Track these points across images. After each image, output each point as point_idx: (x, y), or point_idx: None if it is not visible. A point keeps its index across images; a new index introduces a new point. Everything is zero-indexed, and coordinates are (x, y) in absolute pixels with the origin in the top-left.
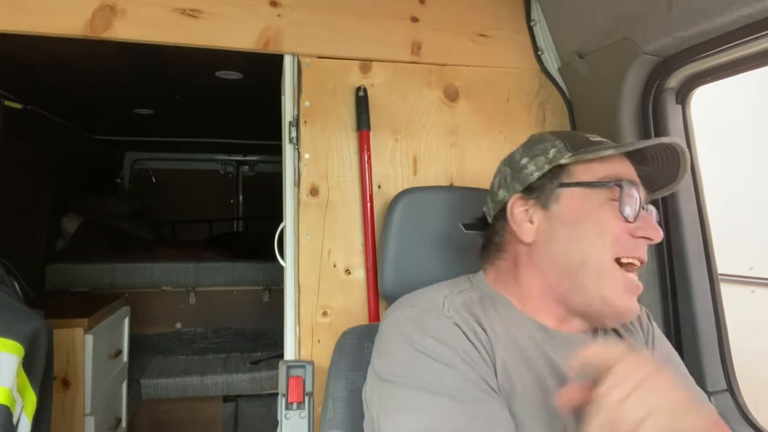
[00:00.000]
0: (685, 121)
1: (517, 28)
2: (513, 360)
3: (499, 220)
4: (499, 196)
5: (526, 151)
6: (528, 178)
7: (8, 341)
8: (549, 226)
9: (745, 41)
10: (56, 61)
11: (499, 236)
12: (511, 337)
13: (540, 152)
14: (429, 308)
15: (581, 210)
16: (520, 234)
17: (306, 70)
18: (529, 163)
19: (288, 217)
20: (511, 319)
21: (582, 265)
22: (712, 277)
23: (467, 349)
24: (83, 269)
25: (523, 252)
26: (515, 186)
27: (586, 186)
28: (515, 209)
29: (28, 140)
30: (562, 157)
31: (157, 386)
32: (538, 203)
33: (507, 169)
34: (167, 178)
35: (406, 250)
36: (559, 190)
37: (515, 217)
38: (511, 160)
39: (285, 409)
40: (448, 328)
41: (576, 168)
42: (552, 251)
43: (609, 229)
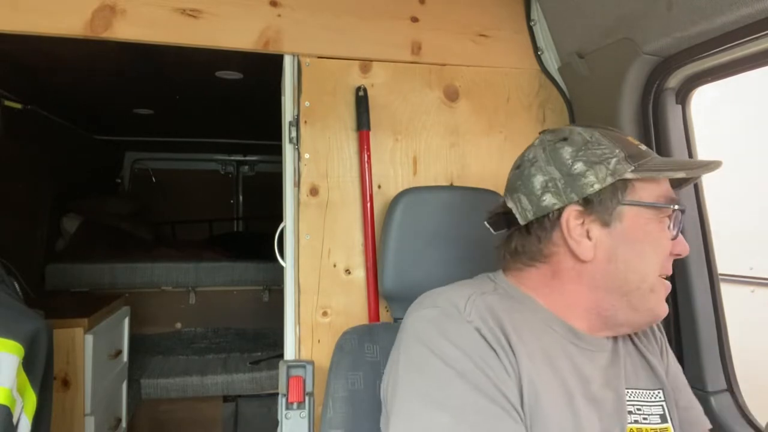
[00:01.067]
0: (685, 121)
1: (517, 28)
2: (538, 368)
3: (541, 226)
4: (544, 201)
5: (579, 155)
6: (587, 189)
7: (8, 341)
8: (610, 245)
9: (745, 41)
10: (56, 61)
11: (538, 244)
12: (539, 342)
13: (598, 160)
14: (450, 311)
15: (644, 231)
16: (577, 250)
17: (306, 70)
18: (588, 172)
19: (288, 217)
20: (538, 322)
21: (638, 286)
22: (712, 277)
23: (486, 356)
24: (83, 269)
25: (570, 266)
26: (570, 196)
27: (648, 206)
28: (572, 222)
29: (28, 140)
30: (626, 170)
31: (157, 386)
32: (598, 219)
33: (555, 171)
34: (167, 178)
35: (406, 250)
36: (622, 207)
37: (572, 231)
38: (559, 162)
39: (285, 409)
40: (467, 333)
41: (638, 184)
42: (610, 271)
43: (664, 250)
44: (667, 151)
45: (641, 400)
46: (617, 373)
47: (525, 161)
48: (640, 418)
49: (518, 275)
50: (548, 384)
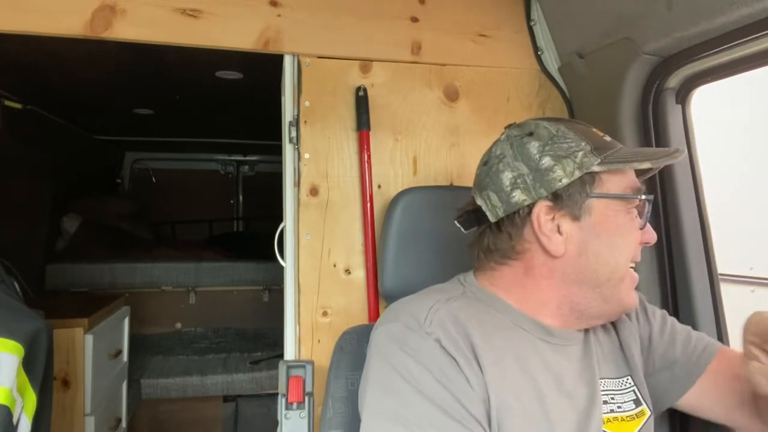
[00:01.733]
0: (685, 121)
1: (517, 28)
2: (507, 372)
3: (512, 222)
4: (514, 197)
5: (546, 149)
6: (555, 184)
7: (8, 341)
8: (580, 239)
9: (745, 41)
10: (56, 61)
11: (509, 241)
12: (508, 344)
13: (565, 153)
14: (411, 324)
15: (614, 223)
16: (548, 246)
17: (306, 70)
18: (555, 167)
19: (288, 217)
20: (507, 323)
21: (609, 277)
22: (712, 277)
23: (446, 369)
24: (83, 269)
25: (542, 262)
26: (539, 191)
27: (616, 198)
28: (542, 218)
29: (28, 140)
30: (592, 163)
31: (157, 386)
32: (568, 214)
33: (523, 167)
34: (167, 178)
35: (406, 249)
36: (591, 200)
37: (543, 226)
38: (527, 157)
39: (285, 409)
40: (426, 346)
41: (605, 176)
42: (581, 264)
43: (634, 240)
44: None
45: (613, 389)
46: (589, 365)
47: (492, 157)
48: (615, 407)
49: (490, 275)
50: (518, 387)
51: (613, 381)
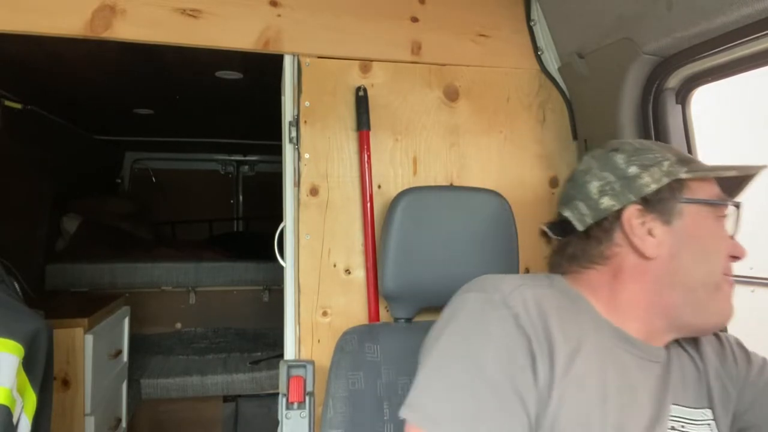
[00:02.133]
0: (685, 121)
1: (517, 28)
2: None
3: (600, 228)
4: (602, 203)
5: (632, 159)
6: (644, 189)
7: (8, 341)
8: (673, 242)
9: (745, 41)
10: (56, 61)
11: (598, 246)
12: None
13: (651, 163)
14: (494, 297)
15: (705, 227)
16: (642, 247)
17: (306, 70)
18: (643, 173)
19: (288, 217)
20: (589, 322)
21: (703, 281)
22: None
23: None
24: (83, 269)
25: (633, 265)
26: (628, 196)
27: (707, 204)
28: (633, 221)
29: (28, 140)
30: (679, 171)
31: (157, 386)
32: (659, 217)
33: (610, 175)
34: (167, 178)
35: (406, 250)
36: (682, 205)
37: (635, 229)
38: (612, 167)
39: (285, 409)
40: (502, 321)
41: (693, 184)
42: (674, 267)
43: (724, 247)
44: None
45: (688, 418)
46: (665, 386)
47: (577, 172)
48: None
49: (576, 277)
50: (583, 382)
51: (690, 410)
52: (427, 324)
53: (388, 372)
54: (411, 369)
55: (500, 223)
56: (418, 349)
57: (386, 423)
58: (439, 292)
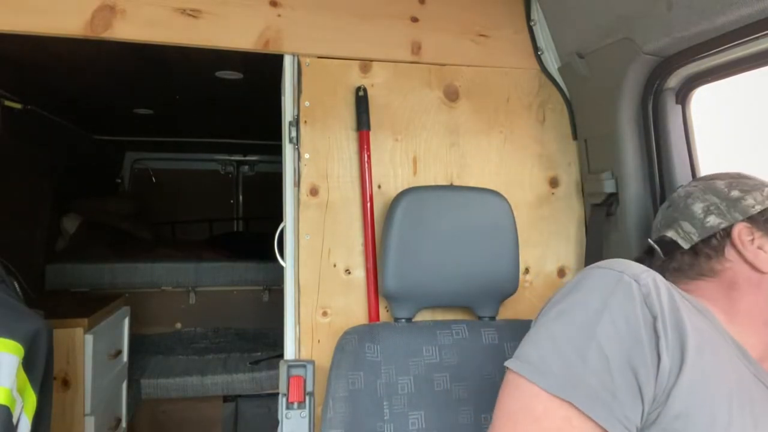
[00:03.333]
0: (684, 121)
1: (517, 28)
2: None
3: (708, 245)
4: (708, 222)
5: (732, 184)
6: (750, 209)
7: (8, 341)
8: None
9: (745, 41)
10: (56, 61)
11: (707, 261)
12: (709, 339)
13: (751, 188)
14: (621, 274)
15: None
16: (755, 262)
17: (306, 70)
18: (747, 196)
19: (288, 217)
20: (713, 329)
21: None
22: None
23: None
24: (83, 269)
25: (747, 277)
26: (735, 215)
27: None
28: (744, 237)
29: (28, 140)
30: None
31: (157, 386)
32: (766, 234)
33: (713, 198)
34: (167, 178)
35: (407, 250)
36: None
37: (746, 245)
38: (715, 191)
39: (285, 409)
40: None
41: None
42: None
43: None
44: (667, 151)
45: None
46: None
47: (676, 198)
48: None
49: (687, 287)
50: (710, 379)
51: None
52: (427, 324)
53: (388, 372)
54: (411, 369)
55: (500, 223)
56: (418, 349)
57: (386, 423)
58: (439, 292)
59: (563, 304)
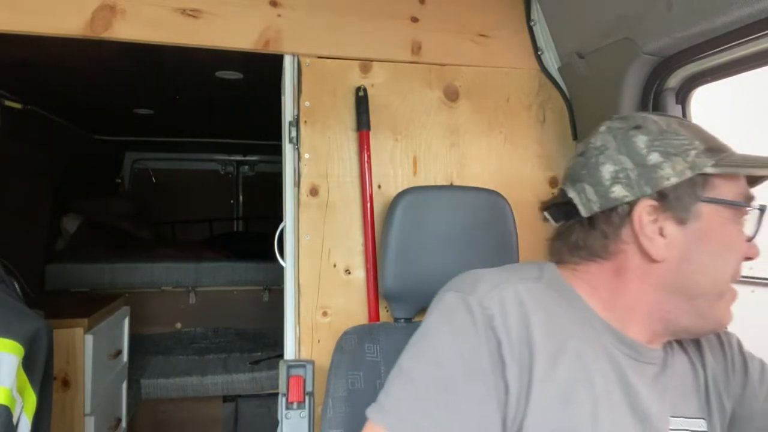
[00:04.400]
0: None
1: (517, 28)
2: (563, 367)
3: (607, 220)
4: (613, 192)
5: (655, 144)
6: (663, 182)
7: (8, 341)
8: (684, 245)
9: (745, 41)
10: (56, 61)
11: (603, 239)
12: (572, 340)
13: (676, 151)
14: (470, 299)
15: (721, 232)
16: (649, 248)
17: (306, 70)
18: (664, 164)
19: (288, 217)
20: (578, 318)
21: (708, 290)
22: None
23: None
24: (83, 269)
25: (637, 265)
26: (644, 188)
27: (729, 205)
28: (645, 218)
29: (28, 140)
30: (706, 164)
31: (157, 386)
32: (674, 216)
33: (627, 161)
34: (167, 178)
35: (407, 250)
36: (700, 204)
37: (645, 227)
38: (633, 151)
39: (285, 409)
40: (471, 320)
41: (718, 180)
42: (681, 272)
43: (739, 253)
44: None
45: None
46: (662, 392)
47: (591, 148)
48: None
49: (574, 269)
50: (569, 389)
51: (685, 420)
52: None
53: (388, 372)
54: None
55: (500, 222)
56: None
57: None
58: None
59: (414, 339)
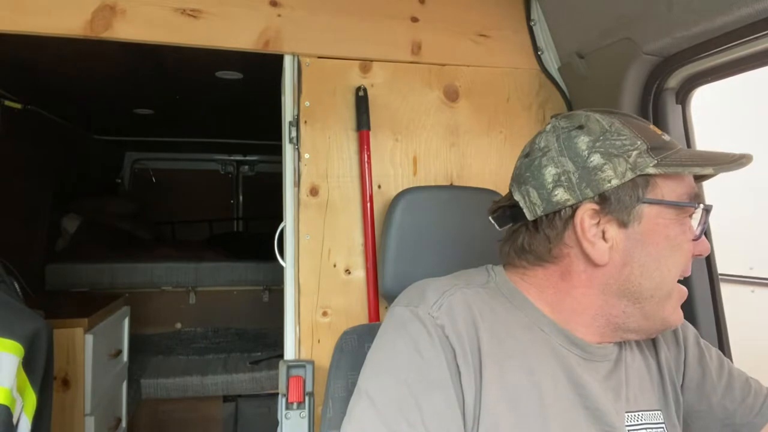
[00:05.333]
0: (685, 121)
1: (517, 28)
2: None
3: (551, 224)
4: (555, 196)
5: (596, 145)
6: (604, 184)
7: (8, 341)
8: (626, 248)
9: (745, 41)
10: (56, 61)
11: (547, 243)
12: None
13: (618, 152)
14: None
15: (664, 233)
16: (591, 253)
17: (306, 70)
18: (605, 165)
19: (288, 217)
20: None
21: (653, 293)
22: (712, 277)
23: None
24: (83, 269)
25: (581, 270)
26: (585, 192)
27: (671, 206)
28: (586, 221)
29: (28, 140)
30: (647, 164)
31: (157, 386)
32: (616, 219)
33: (569, 163)
34: (167, 178)
35: (407, 250)
36: (642, 206)
37: (586, 231)
38: (574, 153)
39: (285, 409)
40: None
41: (660, 180)
42: (624, 276)
43: (686, 253)
44: None
45: (646, 422)
46: (615, 388)
47: (535, 149)
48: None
49: (522, 273)
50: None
51: (646, 414)
52: None
53: None
54: None
55: None
56: None
57: None
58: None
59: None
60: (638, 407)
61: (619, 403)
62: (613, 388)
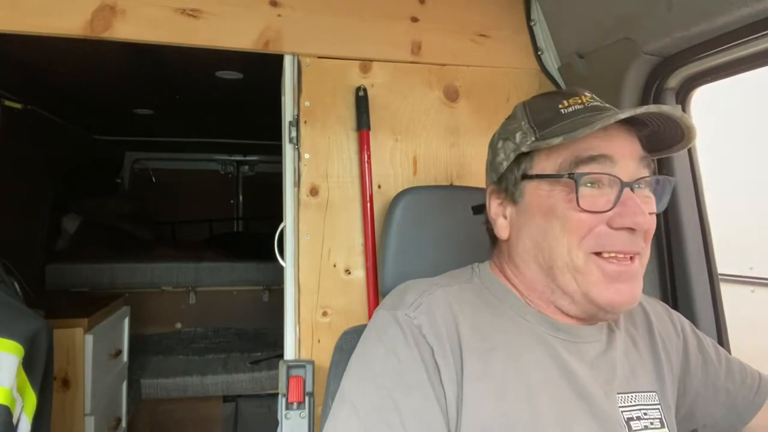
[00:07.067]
0: None
1: (517, 28)
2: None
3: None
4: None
5: (500, 132)
6: (500, 167)
7: (8, 341)
8: (518, 222)
9: (745, 41)
10: (56, 61)
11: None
12: (503, 335)
13: (507, 135)
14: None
15: (546, 204)
16: (496, 230)
17: (306, 70)
18: (500, 150)
19: (288, 217)
20: (510, 312)
21: (551, 263)
22: (712, 277)
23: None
24: (83, 269)
25: (504, 247)
26: (491, 176)
27: (542, 178)
28: (492, 202)
29: (28, 140)
30: (524, 143)
31: (157, 386)
32: (509, 197)
33: (490, 153)
34: (167, 178)
35: (407, 250)
36: (523, 183)
37: (492, 211)
38: (492, 142)
39: (285, 409)
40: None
41: (537, 156)
42: (521, 248)
43: (574, 224)
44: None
45: (640, 403)
46: (608, 370)
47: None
48: (648, 423)
49: (498, 262)
50: (503, 382)
51: (641, 395)
52: None
53: None
54: None
55: None
56: None
57: None
58: None
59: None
60: (631, 389)
61: (610, 385)
62: (605, 371)
